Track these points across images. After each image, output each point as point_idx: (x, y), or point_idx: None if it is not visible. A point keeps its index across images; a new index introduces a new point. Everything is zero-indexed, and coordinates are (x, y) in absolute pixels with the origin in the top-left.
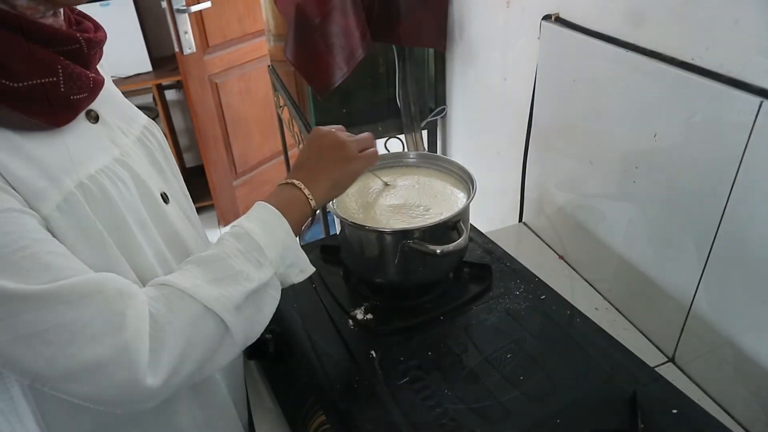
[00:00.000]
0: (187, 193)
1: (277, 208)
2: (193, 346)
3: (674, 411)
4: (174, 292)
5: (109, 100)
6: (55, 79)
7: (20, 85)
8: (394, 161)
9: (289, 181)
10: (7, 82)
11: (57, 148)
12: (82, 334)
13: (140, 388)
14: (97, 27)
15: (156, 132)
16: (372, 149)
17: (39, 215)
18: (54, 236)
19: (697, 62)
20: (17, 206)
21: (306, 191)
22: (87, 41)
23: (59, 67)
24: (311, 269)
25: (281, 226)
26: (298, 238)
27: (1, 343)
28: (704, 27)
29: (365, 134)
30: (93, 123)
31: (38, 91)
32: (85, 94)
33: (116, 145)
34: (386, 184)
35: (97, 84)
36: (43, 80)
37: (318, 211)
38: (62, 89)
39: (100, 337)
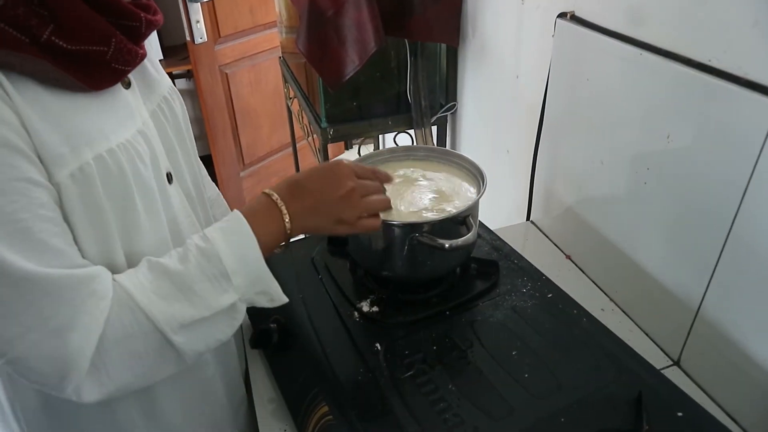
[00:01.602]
0: (198, 173)
1: (254, 229)
2: (137, 360)
3: (680, 414)
4: (128, 303)
5: (141, 66)
6: (105, 48)
7: (71, 47)
8: (405, 155)
9: (276, 199)
10: (61, 43)
11: (84, 114)
12: (47, 326)
13: (75, 398)
14: (156, 9)
15: (174, 104)
16: (373, 220)
17: (52, 181)
18: (62, 203)
19: (714, 64)
20: (34, 177)
21: (288, 225)
22: (147, 21)
23: (113, 40)
24: (283, 299)
25: (254, 253)
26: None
27: None
28: (722, 28)
29: (381, 199)
30: (126, 88)
31: (84, 55)
32: (129, 67)
33: (140, 115)
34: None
35: (141, 58)
36: (93, 48)
37: None
38: (107, 57)
39: (63, 332)
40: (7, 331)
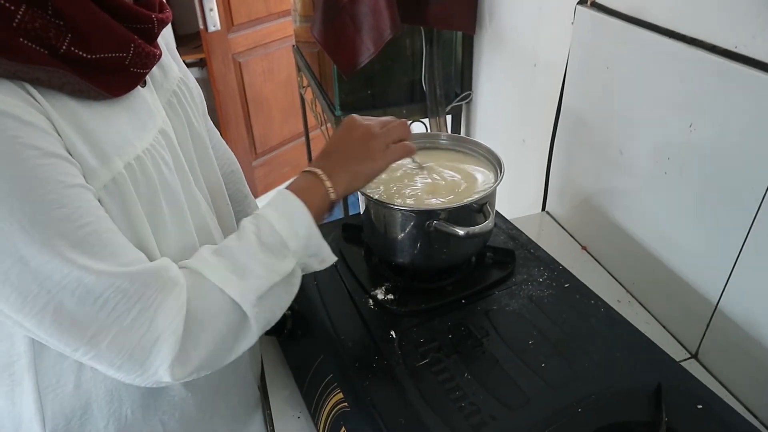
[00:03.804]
0: (214, 167)
1: (299, 198)
2: (220, 339)
3: (699, 406)
4: (205, 283)
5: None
6: (124, 54)
7: (91, 56)
8: (422, 142)
9: (311, 169)
10: (81, 53)
11: (111, 123)
12: (131, 314)
13: (167, 379)
14: (162, 4)
15: (182, 96)
16: (402, 144)
17: None
18: None
19: (741, 50)
20: (83, 182)
21: (327, 183)
22: (158, 21)
23: (132, 45)
24: (333, 258)
25: (303, 216)
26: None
27: (64, 309)
28: (751, 13)
29: (399, 122)
30: (142, 87)
31: (104, 63)
32: (146, 69)
33: (158, 112)
34: (418, 165)
35: (157, 58)
36: (113, 55)
37: None
38: (126, 63)
39: (149, 317)
40: (94, 326)
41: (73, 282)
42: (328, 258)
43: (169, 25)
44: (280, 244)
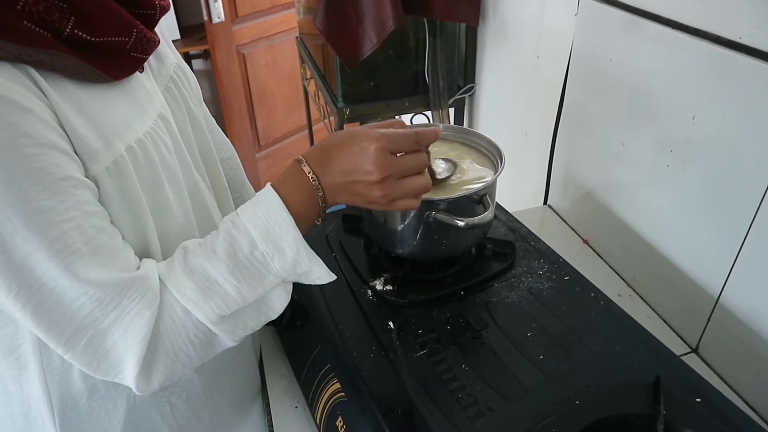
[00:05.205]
0: (212, 151)
1: (289, 204)
2: (183, 352)
3: (698, 399)
4: (172, 301)
5: None
6: (126, 39)
7: (95, 39)
8: None
9: (309, 173)
10: (85, 35)
11: (111, 106)
12: (99, 326)
13: (135, 387)
14: None
15: (180, 81)
16: (407, 203)
17: (88, 175)
18: (99, 196)
19: (745, 41)
20: (77, 174)
21: (321, 199)
22: (160, 8)
23: (135, 30)
24: (329, 278)
25: (292, 233)
26: None
27: (45, 307)
28: (755, 4)
29: (420, 183)
30: (140, 72)
31: (106, 46)
32: (146, 55)
33: (156, 97)
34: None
35: (156, 44)
36: (115, 38)
37: None
38: (128, 47)
39: (114, 333)
40: (71, 327)
41: (51, 280)
42: (323, 277)
43: (173, 21)
44: (260, 264)
